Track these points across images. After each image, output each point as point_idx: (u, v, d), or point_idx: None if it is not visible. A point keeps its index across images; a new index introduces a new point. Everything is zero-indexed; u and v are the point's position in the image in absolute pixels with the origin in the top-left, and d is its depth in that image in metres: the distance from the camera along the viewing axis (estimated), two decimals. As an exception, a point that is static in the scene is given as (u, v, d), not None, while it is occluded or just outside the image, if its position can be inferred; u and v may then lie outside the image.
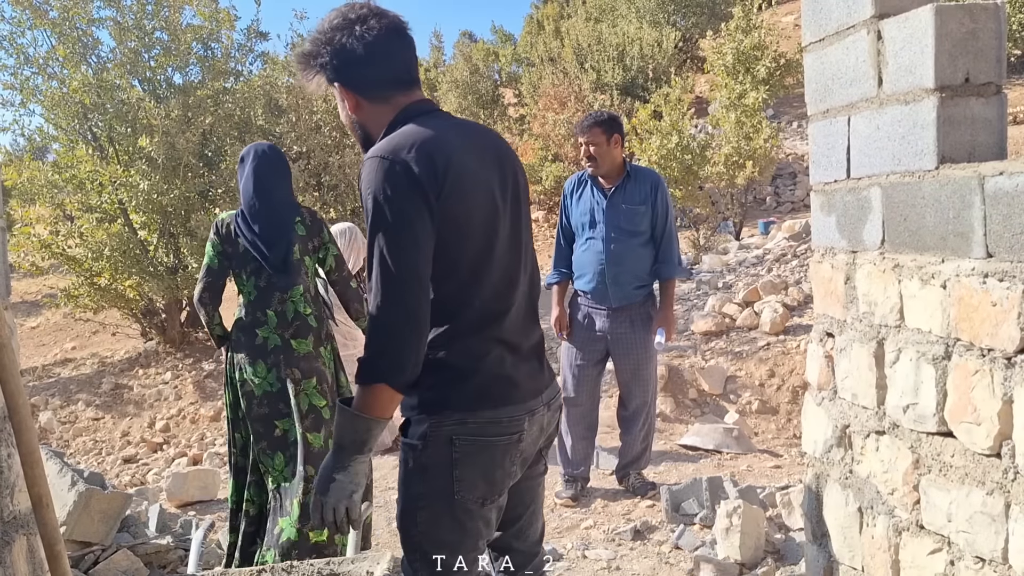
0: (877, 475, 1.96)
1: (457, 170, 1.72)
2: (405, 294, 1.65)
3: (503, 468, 1.81)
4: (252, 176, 3.22)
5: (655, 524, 3.58)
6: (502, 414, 1.78)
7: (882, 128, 1.92)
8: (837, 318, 2.15)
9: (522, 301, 1.88)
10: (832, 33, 2.11)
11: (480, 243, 1.77)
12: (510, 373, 1.81)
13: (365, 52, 1.77)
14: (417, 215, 1.66)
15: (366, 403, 1.68)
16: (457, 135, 1.80)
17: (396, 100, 1.84)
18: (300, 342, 3.21)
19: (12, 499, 1.73)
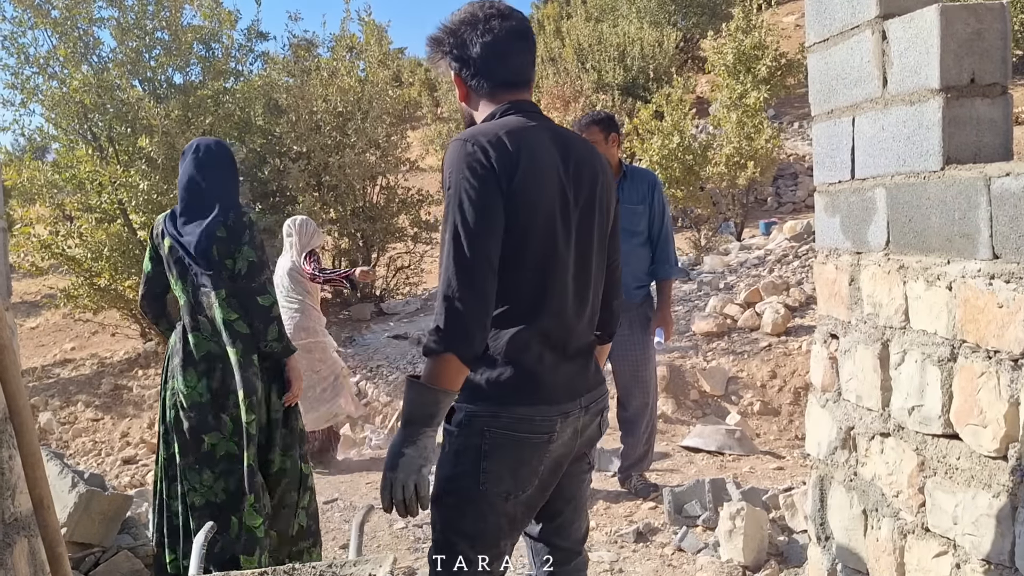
0: (882, 477, 1.95)
1: (531, 164, 1.77)
2: (475, 272, 1.70)
3: (530, 466, 1.82)
4: (185, 170, 3.07)
5: (658, 526, 3.57)
6: (534, 412, 1.81)
7: (887, 129, 1.92)
8: (841, 319, 2.14)
9: (579, 305, 1.89)
10: (836, 33, 2.10)
11: (540, 241, 1.80)
12: (547, 372, 1.83)
13: (481, 50, 1.87)
14: (490, 199, 1.73)
15: (434, 374, 1.71)
16: (544, 134, 1.86)
17: (501, 97, 1.91)
18: (235, 349, 2.95)
19: (13, 501, 1.72)
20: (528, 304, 1.81)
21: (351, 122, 9.99)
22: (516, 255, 1.78)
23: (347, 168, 9.63)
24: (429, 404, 1.72)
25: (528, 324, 1.81)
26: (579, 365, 1.91)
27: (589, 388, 1.93)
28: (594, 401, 1.94)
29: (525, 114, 1.88)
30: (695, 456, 4.66)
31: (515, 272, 1.78)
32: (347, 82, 10.22)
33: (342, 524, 3.95)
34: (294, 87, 10.03)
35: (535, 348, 1.81)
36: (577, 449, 1.94)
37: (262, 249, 3.00)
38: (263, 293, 2.96)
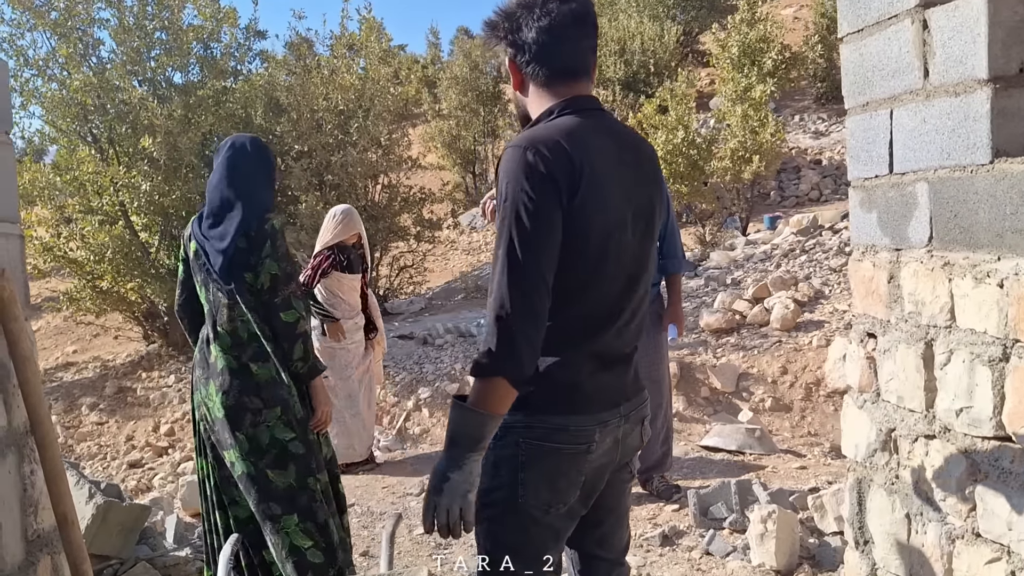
0: (927, 481, 1.90)
1: (594, 174, 1.67)
2: (529, 290, 1.62)
3: (568, 477, 1.76)
4: (215, 169, 2.89)
5: (683, 529, 3.51)
6: (570, 422, 1.74)
7: (929, 121, 1.86)
8: (879, 318, 2.09)
9: (627, 317, 1.83)
10: (872, 23, 2.04)
11: (596, 254, 1.71)
12: (585, 382, 1.76)
13: (537, 36, 1.75)
14: (550, 213, 1.63)
15: (482, 397, 1.63)
16: (607, 139, 1.76)
17: (559, 89, 1.79)
18: (260, 366, 2.76)
19: (36, 517, 1.67)
20: (575, 321, 1.74)
21: (352, 120, 9.93)
22: (567, 271, 1.68)
23: (349, 167, 9.58)
24: (475, 428, 1.64)
25: (571, 338, 1.74)
26: (618, 373, 1.84)
27: (628, 396, 1.85)
28: (634, 409, 1.87)
29: (585, 113, 1.76)
30: (715, 456, 4.61)
31: (565, 286, 1.69)
32: (348, 80, 10.16)
33: (360, 530, 3.90)
34: (295, 86, 9.96)
35: (575, 359, 1.75)
36: (619, 458, 1.88)
37: (287, 260, 2.78)
38: (287, 308, 2.74)
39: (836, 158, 15.61)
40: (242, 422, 2.76)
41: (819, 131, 17.67)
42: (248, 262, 2.74)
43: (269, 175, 2.93)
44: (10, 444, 1.56)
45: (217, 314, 2.82)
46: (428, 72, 25.26)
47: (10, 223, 1.67)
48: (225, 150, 2.92)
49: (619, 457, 1.87)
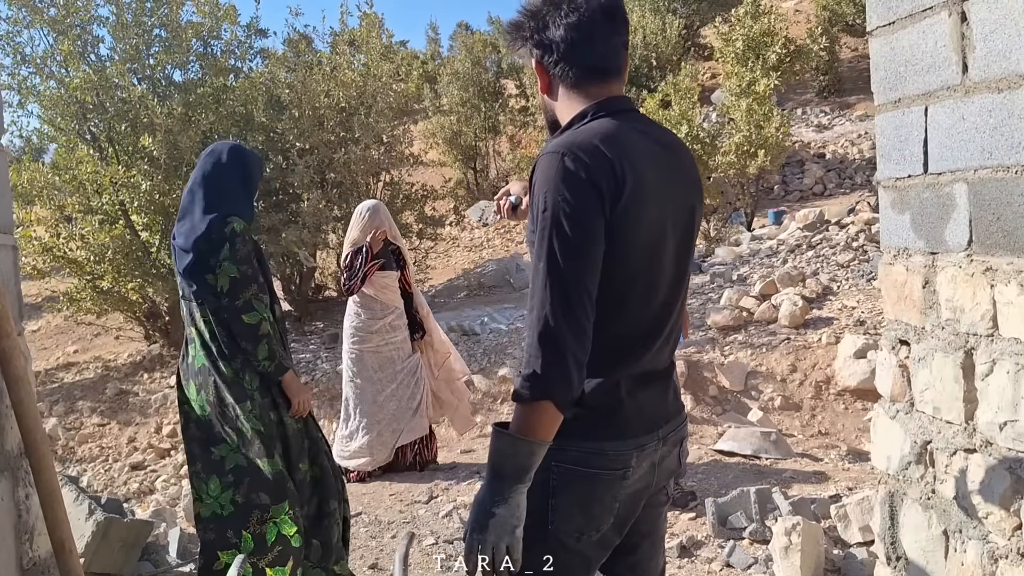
0: (967, 497, 1.81)
1: (637, 181, 1.57)
2: (575, 306, 1.51)
3: (603, 503, 1.65)
4: (192, 174, 2.96)
5: (701, 539, 3.41)
6: (607, 447, 1.63)
7: (968, 119, 1.76)
8: (913, 325, 2.00)
9: (666, 330, 1.73)
10: (905, 16, 1.94)
11: (637, 267, 1.61)
12: (624, 404, 1.65)
13: (564, 34, 1.64)
14: (593, 223, 1.53)
15: (529, 424, 1.52)
16: (647, 143, 1.65)
17: (590, 90, 1.68)
18: (226, 364, 2.82)
19: (32, 544, 1.58)
20: (614, 340, 1.63)
21: (355, 117, 9.83)
22: (607, 285, 1.57)
23: (351, 164, 9.48)
24: (523, 457, 1.52)
25: (612, 357, 1.64)
26: (657, 392, 1.73)
27: (668, 417, 1.74)
28: (673, 431, 1.76)
29: (621, 116, 1.66)
30: (730, 460, 4.51)
31: (603, 304, 1.58)
32: (350, 76, 10.06)
33: (368, 540, 3.81)
34: (297, 83, 9.86)
35: (613, 380, 1.64)
36: (655, 482, 1.77)
37: (247, 262, 2.81)
38: (248, 311, 2.78)
39: (839, 151, 15.51)
40: (227, 416, 2.84)
41: (822, 124, 17.56)
42: (208, 264, 2.79)
43: (243, 181, 2.95)
44: (3, 469, 1.47)
45: (189, 315, 2.90)
46: (428, 68, 25.15)
47: (2, 234, 1.58)
48: (202, 156, 2.97)
49: (655, 481, 1.77)
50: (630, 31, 1.80)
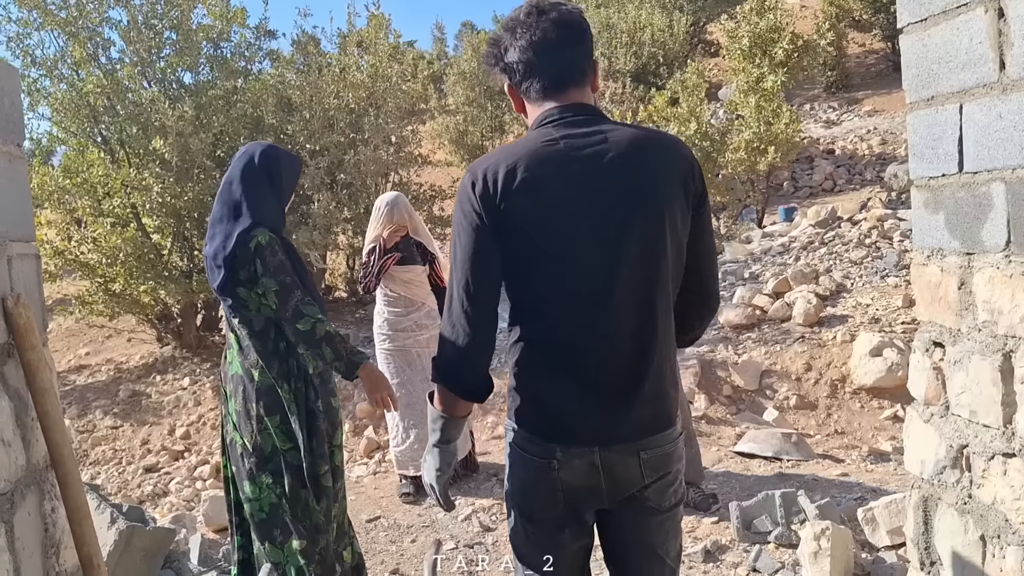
0: (1006, 502, 1.77)
1: (528, 187, 1.67)
2: (458, 307, 1.73)
3: (539, 490, 1.80)
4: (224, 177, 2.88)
5: (726, 544, 3.37)
6: (534, 437, 1.78)
7: (1006, 117, 1.73)
8: (948, 327, 1.96)
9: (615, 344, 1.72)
10: (938, 12, 1.91)
11: (546, 272, 1.70)
12: (542, 404, 1.77)
13: (521, 54, 1.75)
14: (473, 233, 1.69)
15: (436, 398, 1.82)
16: (557, 149, 1.69)
17: (545, 103, 1.77)
18: (262, 374, 2.76)
19: (58, 558, 1.56)
20: (532, 342, 1.77)
21: (364, 118, 9.80)
22: (521, 290, 1.74)
23: (362, 166, 9.46)
24: (434, 421, 1.83)
25: (531, 346, 1.77)
26: (608, 405, 1.73)
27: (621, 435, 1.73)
28: (625, 443, 1.75)
29: (558, 123, 1.72)
30: (750, 462, 4.47)
31: (521, 307, 1.76)
32: (359, 77, 10.04)
33: (388, 545, 3.79)
34: (307, 85, 9.84)
35: (539, 372, 1.77)
36: (608, 487, 1.76)
37: (282, 269, 2.71)
38: (299, 318, 2.67)
39: (848, 147, 15.43)
40: (249, 428, 2.79)
41: (830, 120, 17.48)
42: (239, 277, 2.73)
43: (273, 184, 2.85)
44: (30, 484, 1.45)
45: (228, 322, 2.89)
46: (434, 68, 25.13)
47: (25, 243, 1.56)
48: (234, 159, 2.90)
49: (606, 485, 1.76)
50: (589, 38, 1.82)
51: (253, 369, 2.77)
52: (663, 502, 1.83)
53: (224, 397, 2.89)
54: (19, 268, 1.51)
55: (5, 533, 1.27)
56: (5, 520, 1.29)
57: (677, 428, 1.83)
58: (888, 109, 17.12)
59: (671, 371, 1.82)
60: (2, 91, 1.49)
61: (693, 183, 1.79)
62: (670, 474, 1.83)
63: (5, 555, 1.25)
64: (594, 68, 1.82)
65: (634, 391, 1.74)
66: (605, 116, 1.80)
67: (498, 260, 1.70)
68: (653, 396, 1.75)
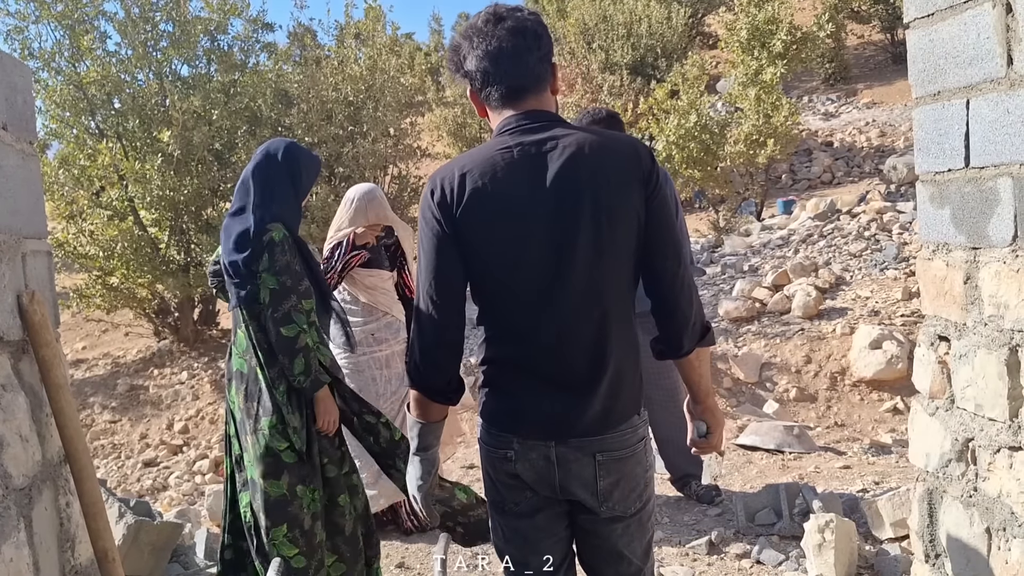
0: (1012, 494, 1.79)
1: (481, 195, 1.72)
2: (424, 312, 1.79)
3: (502, 482, 1.86)
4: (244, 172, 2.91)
5: (729, 536, 3.39)
6: (491, 427, 1.85)
7: (1013, 112, 1.73)
8: (954, 321, 1.97)
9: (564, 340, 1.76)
10: (945, 7, 1.91)
11: (497, 273, 1.76)
12: (500, 397, 1.84)
13: (478, 61, 1.77)
14: (435, 240, 1.76)
15: (410, 404, 1.88)
16: (510, 157, 1.74)
17: (504, 111, 1.80)
18: (262, 372, 2.78)
19: (73, 552, 1.57)
20: (490, 338, 1.84)
21: (362, 111, 9.79)
22: (480, 287, 1.80)
23: (360, 159, 9.45)
24: (411, 428, 1.88)
25: (493, 345, 1.84)
26: (553, 399, 1.77)
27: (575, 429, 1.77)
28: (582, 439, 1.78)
29: (514, 131, 1.76)
30: (752, 455, 4.48)
31: (483, 299, 1.82)
32: (356, 70, 10.02)
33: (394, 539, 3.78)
34: (305, 77, 9.82)
35: (500, 369, 1.83)
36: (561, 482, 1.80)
37: (286, 272, 2.74)
38: (287, 323, 2.72)
39: (847, 139, 15.43)
40: (247, 427, 2.83)
41: (829, 112, 17.47)
42: (250, 272, 2.77)
43: (293, 181, 2.87)
44: (45, 479, 1.46)
45: (235, 317, 2.90)
46: (432, 60, 25.07)
47: (38, 239, 1.56)
48: (255, 154, 2.93)
49: (560, 480, 1.80)
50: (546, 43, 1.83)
51: (256, 367, 2.80)
52: (628, 509, 1.86)
53: (228, 393, 2.92)
54: (33, 265, 1.51)
55: (24, 528, 1.28)
56: (24, 515, 1.30)
57: (635, 423, 1.84)
58: (887, 101, 17.13)
59: (632, 370, 1.84)
60: (15, 88, 1.49)
61: (648, 185, 1.78)
62: (631, 479, 1.84)
63: (25, 550, 1.26)
64: (553, 71, 1.84)
65: (590, 388, 1.77)
66: (563, 121, 1.83)
67: (460, 265, 1.76)
68: (609, 393, 1.78)
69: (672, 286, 1.83)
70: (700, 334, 1.90)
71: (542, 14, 22.01)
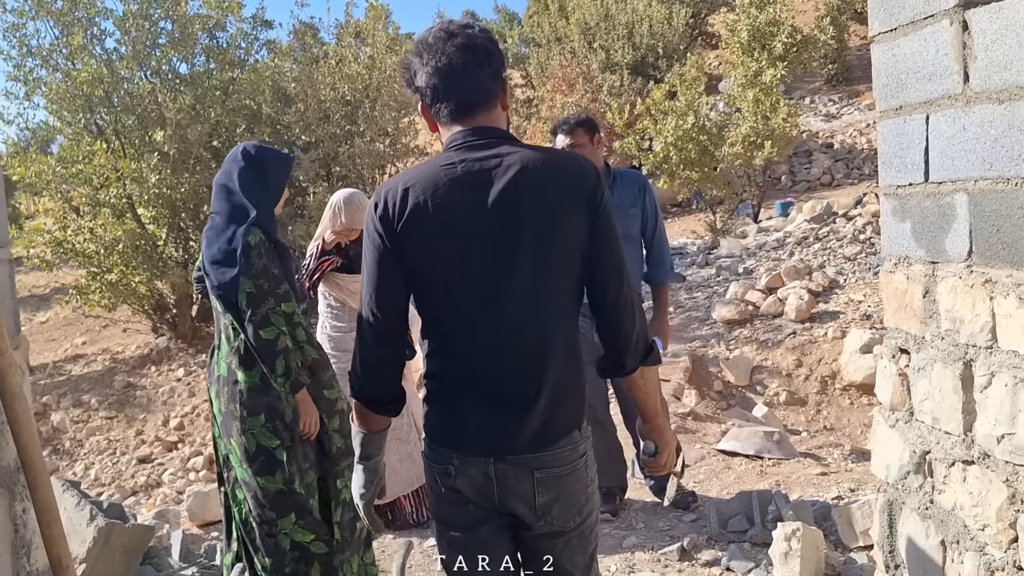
0: (965, 508, 1.80)
1: (422, 211, 1.73)
2: (365, 323, 1.81)
3: (444, 496, 1.87)
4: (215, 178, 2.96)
5: (701, 543, 3.40)
6: (434, 443, 1.86)
7: (969, 129, 1.75)
8: (913, 334, 1.99)
9: (503, 358, 1.78)
10: (907, 23, 1.92)
11: (440, 285, 1.78)
12: (440, 411, 1.85)
13: (428, 78, 1.79)
14: (376, 254, 1.78)
15: (353, 413, 1.90)
16: (454, 173, 1.75)
17: (452, 127, 1.82)
18: (246, 374, 2.82)
19: (28, 558, 1.59)
20: (436, 343, 1.85)
21: (360, 110, 9.81)
22: (423, 301, 1.82)
23: (357, 158, 9.47)
24: (354, 437, 1.90)
25: (435, 360, 1.86)
26: (495, 416, 1.78)
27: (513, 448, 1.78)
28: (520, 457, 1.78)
29: (460, 147, 1.78)
30: (732, 460, 4.50)
31: (425, 313, 1.84)
32: (355, 69, 10.04)
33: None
34: (302, 76, 9.84)
35: (441, 384, 1.85)
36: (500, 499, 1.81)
37: (264, 275, 2.79)
38: (265, 326, 2.77)
39: (848, 141, 15.42)
40: (232, 429, 2.86)
41: (830, 113, 17.45)
42: (228, 277, 2.80)
43: (264, 183, 2.90)
44: (0, 485, 1.48)
45: (218, 322, 2.94)
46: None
47: None
48: (225, 161, 2.97)
49: (499, 495, 1.80)
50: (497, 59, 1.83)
51: (239, 370, 2.83)
52: (567, 524, 1.86)
53: (211, 398, 2.95)
54: (-10, 274, 1.53)
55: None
56: (-27, 523, 1.32)
57: (575, 439, 1.84)
58: (887, 103, 17.06)
59: (574, 387, 1.85)
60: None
61: (593, 205, 1.78)
62: (570, 495, 1.84)
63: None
64: (503, 87, 1.85)
65: (528, 405, 1.78)
66: (511, 138, 1.85)
67: (401, 280, 1.78)
68: (548, 410, 1.79)
69: (615, 306, 1.83)
70: (643, 354, 1.87)
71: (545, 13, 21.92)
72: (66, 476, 7.52)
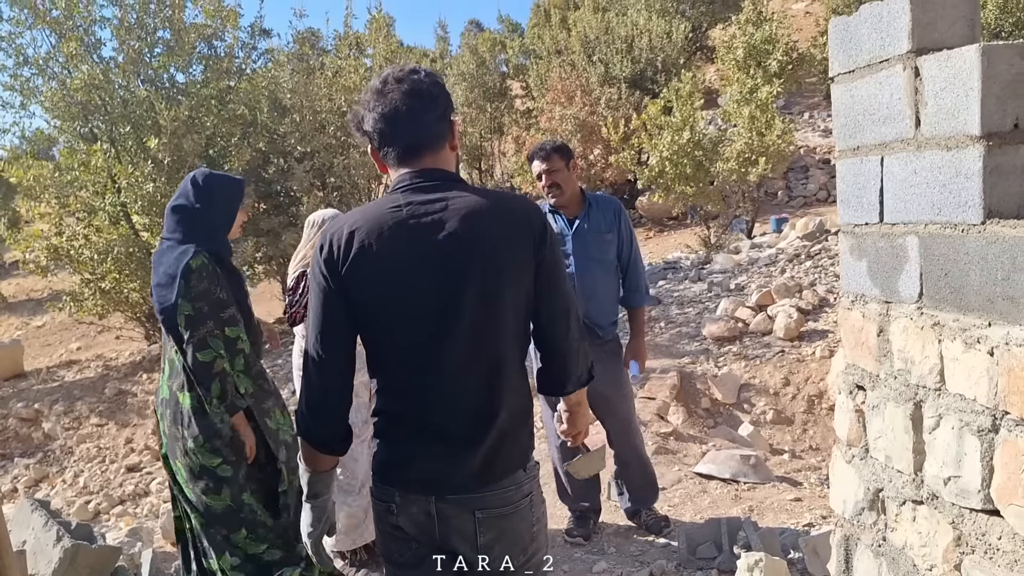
0: (914, 547, 1.82)
1: (367, 254, 1.76)
2: (310, 363, 1.83)
3: (388, 533, 1.89)
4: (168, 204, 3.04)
5: (671, 569, 3.42)
6: (378, 480, 1.90)
7: (920, 173, 1.77)
8: (869, 371, 2.01)
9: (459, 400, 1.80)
10: (864, 65, 1.95)
11: (387, 327, 1.80)
12: (385, 449, 1.88)
13: (375, 124, 1.83)
14: (321, 295, 1.81)
15: (301, 451, 1.89)
16: (399, 216, 1.78)
17: (400, 169, 1.86)
18: (185, 396, 2.89)
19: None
20: (382, 382, 1.87)
21: (355, 121, 9.86)
22: (370, 339, 1.83)
23: (352, 169, 9.51)
24: (302, 475, 1.90)
25: (381, 399, 1.88)
26: (442, 456, 1.80)
27: (457, 486, 1.80)
28: (464, 496, 1.80)
29: (406, 190, 1.81)
30: (708, 484, 4.51)
31: (372, 354, 1.86)
32: (352, 80, 10.09)
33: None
34: (299, 87, 9.89)
35: (387, 423, 1.87)
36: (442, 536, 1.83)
37: (204, 298, 2.84)
38: (203, 348, 2.81)
39: (845, 157, 15.41)
40: (175, 450, 2.92)
41: (828, 129, 17.48)
42: (171, 299, 2.85)
43: (215, 210, 2.97)
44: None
45: (163, 345, 3.03)
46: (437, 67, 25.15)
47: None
48: (179, 188, 3.04)
49: (440, 534, 1.83)
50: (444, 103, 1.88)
51: (179, 392, 2.89)
52: (511, 564, 1.87)
53: (157, 418, 3.04)
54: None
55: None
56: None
57: (519, 478, 1.86)
58: (885, 119, 17.10)
59: (521, 425, 1.88)
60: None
61: (538, 248, 1.82)
62: (512, 535, 1.85)
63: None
64: (451, 129, 1.90)
65: (471, 445, 1.80)
66: (458, 180, 1.89)
67: (345, 320, 1.80)
68: (493, 450, 1.81)
69: (563, 344, 1.88)
70: (584, 382, 1.96)
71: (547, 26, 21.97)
72: (56, 483, 7.54)
